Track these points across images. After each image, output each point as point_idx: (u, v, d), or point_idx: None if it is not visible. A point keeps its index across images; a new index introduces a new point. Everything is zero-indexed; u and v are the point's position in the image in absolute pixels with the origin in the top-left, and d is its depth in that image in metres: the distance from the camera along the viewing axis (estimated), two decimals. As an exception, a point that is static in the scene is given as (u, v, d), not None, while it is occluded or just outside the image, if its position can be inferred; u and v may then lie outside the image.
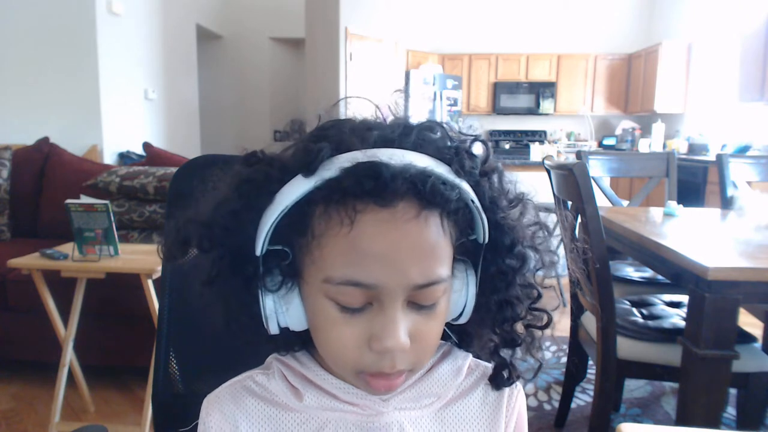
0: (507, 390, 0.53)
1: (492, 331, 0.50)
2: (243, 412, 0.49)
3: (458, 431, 0.51)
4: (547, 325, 0.51)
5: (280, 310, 0.46)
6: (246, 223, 0.45)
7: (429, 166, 0.43)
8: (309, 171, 0.42)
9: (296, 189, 0.42)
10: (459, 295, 0.48)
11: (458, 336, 0.53)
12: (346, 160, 0.42)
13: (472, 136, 0.48)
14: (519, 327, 0.51)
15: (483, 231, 0.46)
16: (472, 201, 0.45)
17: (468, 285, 0.48)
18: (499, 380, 0.52)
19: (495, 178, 0.48)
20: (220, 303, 0.48)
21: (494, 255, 0.47)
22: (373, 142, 0.44)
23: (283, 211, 0.43)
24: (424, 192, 0.41)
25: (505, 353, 0.51)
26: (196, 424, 0.51)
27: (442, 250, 0.43)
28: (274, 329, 0.47)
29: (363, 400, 0.48)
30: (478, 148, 0.48)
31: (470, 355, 0.54)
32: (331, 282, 0.42)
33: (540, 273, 0.51)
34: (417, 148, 0.45)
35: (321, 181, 0.42)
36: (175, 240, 0.48)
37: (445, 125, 0.48)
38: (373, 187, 0.40)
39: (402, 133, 0.45)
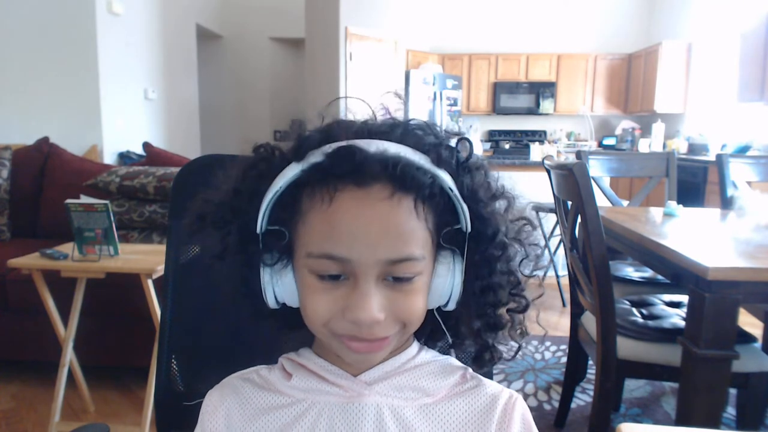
0: (502, 399, 0.52)
1: (476, 316, 0.53)
2: (238, 398, 0.54)
3: (441, 429, 0.50)
4: (524, 310, 0.54)
5: (276, 284, 0.50)
6: (250, 204, 0.49)
7: (402, 152, 0.47)
8: (299, 156, 0.48)
9: (289, 173, 0.48)
10: (445, 280, 0.50)
11: (446, 322, 0.54)
12: (330, 147, 0.47)
13: (456, 134, 0.52)
14: (503, 313, 0.54)
15: (465, 220, 0.49)
16: (451, 189, 0.48)
17: (454, 271, 0.50)
18: (481, 361, 0.55)
19: (479, 173, 0.51)
20: (228, 279, 0.53)
21: (477, 244, 0.50)
22: (355, 133, 0.49)
23: (277, 192, 0.48)
24: (395, 175, 0.45)
25: (487, 337, 0.54)
26: (200, 402, 0.55)
27: (413, 231, 0.47)
28: (271, 301, 0.51)
29: (348, 382, 0.51)
30: (463, 146, 0.51)
31: (468, 368, 0.56)
32: (311, 256, 0.47)
33: (527, 270, 0.54)
34: (400, 141, 0.49)
35: (308, 165, 0.47)
36: (194, 216, 0.54)
37: (430, 124, 0.52)
38: (350, 169, 0.45)
39: (387, 129, 0.50)
